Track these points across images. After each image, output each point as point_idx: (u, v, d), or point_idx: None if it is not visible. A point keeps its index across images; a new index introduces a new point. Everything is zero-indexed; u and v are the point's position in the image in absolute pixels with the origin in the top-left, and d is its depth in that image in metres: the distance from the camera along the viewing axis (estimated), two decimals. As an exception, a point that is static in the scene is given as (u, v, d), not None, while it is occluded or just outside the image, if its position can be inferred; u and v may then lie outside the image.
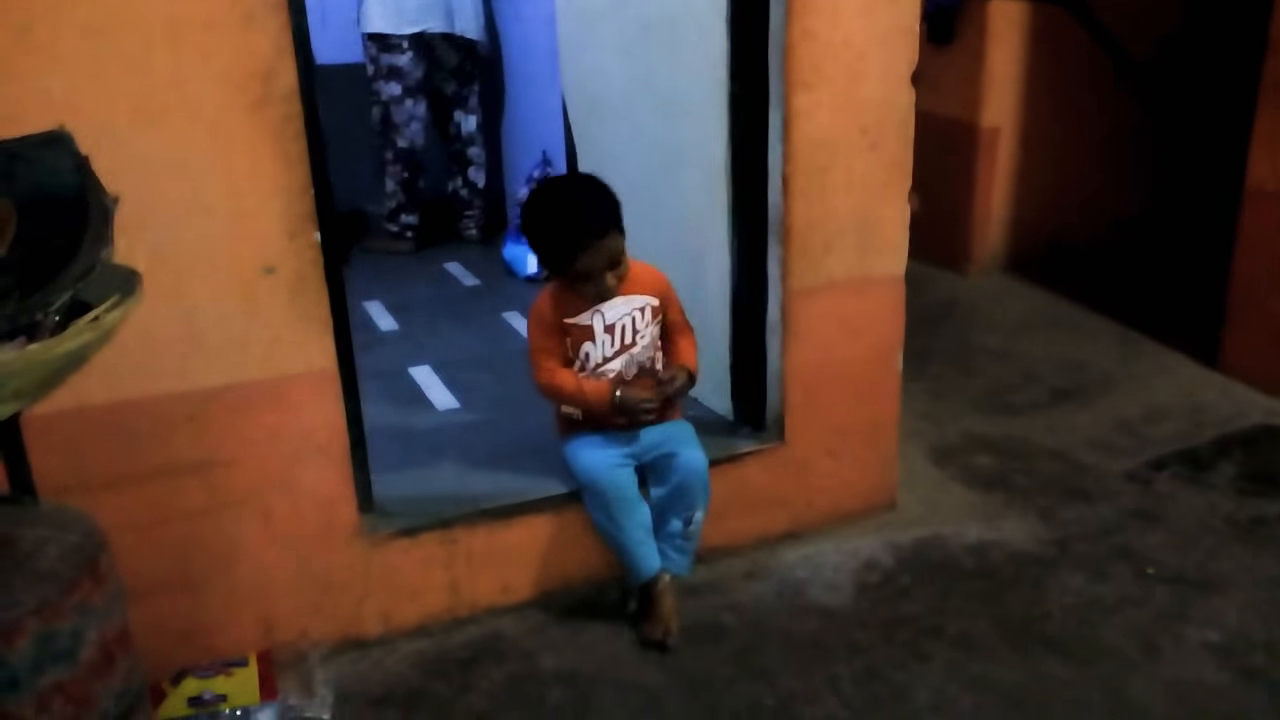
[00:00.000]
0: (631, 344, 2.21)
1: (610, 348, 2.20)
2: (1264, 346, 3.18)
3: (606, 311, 2.19)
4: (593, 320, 2.19)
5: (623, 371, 2.22)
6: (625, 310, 2.21)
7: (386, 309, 3.61)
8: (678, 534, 2.24)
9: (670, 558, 2.25)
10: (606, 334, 2.20)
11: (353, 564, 2.13)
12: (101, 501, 1.76)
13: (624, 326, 2.21)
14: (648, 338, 2.23)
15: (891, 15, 2.23)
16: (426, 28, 3.95)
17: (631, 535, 2.20)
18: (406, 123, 4.11)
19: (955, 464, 2.85)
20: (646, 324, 2.23)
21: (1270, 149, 3.07)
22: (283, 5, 1.78)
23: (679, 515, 2.23)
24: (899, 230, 2.40)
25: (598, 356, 2.21)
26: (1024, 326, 3.77)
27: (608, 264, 2.12)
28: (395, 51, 4.00)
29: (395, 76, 4.04)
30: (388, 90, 4.06)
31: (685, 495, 2.22)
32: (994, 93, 4.07)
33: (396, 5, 3.93)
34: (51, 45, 1.67)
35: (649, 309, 2.23)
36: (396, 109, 4.09)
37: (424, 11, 3.93)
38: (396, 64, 4.02)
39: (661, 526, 2.25)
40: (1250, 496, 2.67)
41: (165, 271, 1.80)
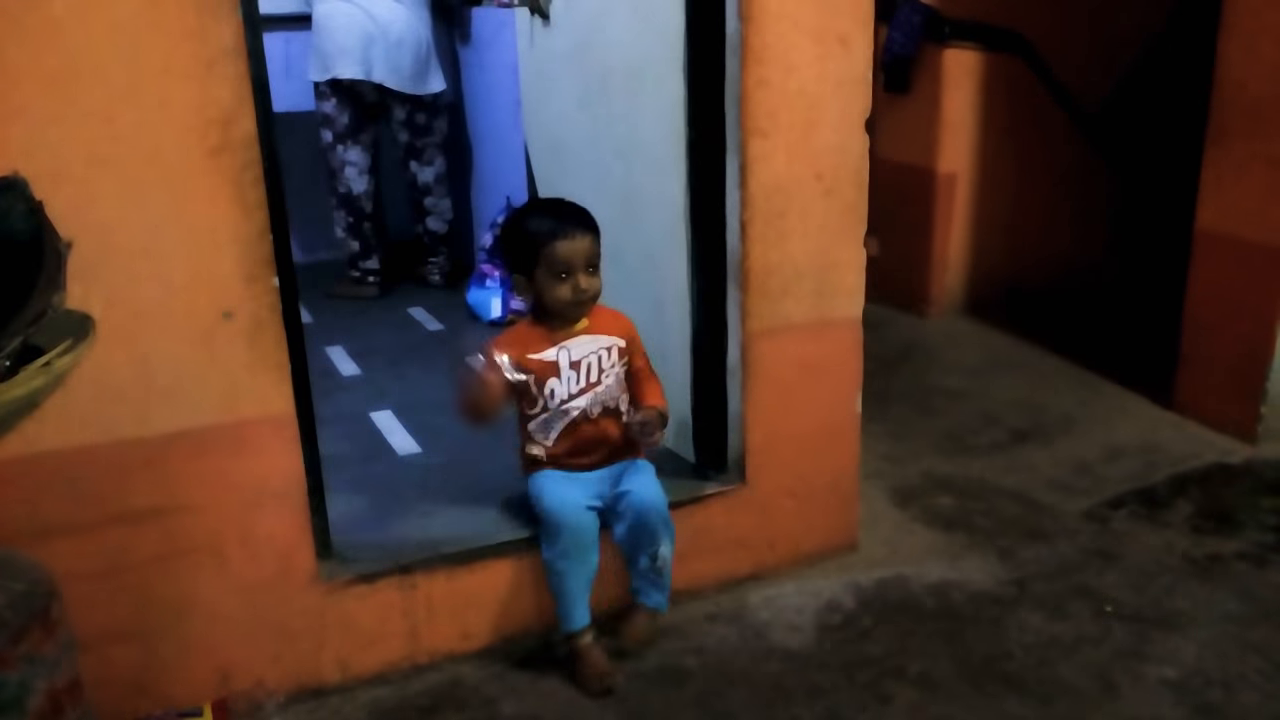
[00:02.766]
0: (597, 383, 2.22)
1: (575, 385, 2.21)
2: (1216, 386, 3.24)
3: (572, 348, 2.20)
4: (558, 356, 2.20)
5: (587, 409, 2.22)
6: (592, 348, 2.22)
7: (348, 354, 3.60)
8: (647, 570, 2.25)
9: (646, 593, 2.27)
10: (572, 370, 2.20)
11: (310, 611, 2.11)
12: (54, 549, 1.75)
13: (589, 364, 2.21)
14: (613, 378, 2.24)
15: (845, 65, 2.28)
16: (338, 74, 3.99)
17: (575, 582, 2.19)
18: (341, 168, 4.15)
19: (916, 505, 2.87)
20: (613, 364, 2.24)
21: (1217, 192, 3.15)
22: (242, 53, 1.79)
23: (644, 551, 2.23)
24: (855, 274, 2.43)
25: (563, 393, 2.21)
26: (983, 368, 3.81)
27: (585, 263, 2.14)
28: (324, 99, 4.07)
29: (326, 123, 4.11)
30: (324, 137, 4.14)
31: (645, 530, 2.21)
32: (950, 139, 4.15)
33: (319, 53, 4.00)
34: (10, 93, 1.67)
35: (615, 349, 2.24)
36: (332, 155, 4.14)
37: (338, 58, 3.98)
38: (325, 111, 4.09)
39: (632, 564, 2.26)
40: (1206, 534, 2.70)
41: (121, 316, 1.80)
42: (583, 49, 2.69)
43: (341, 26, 3.93)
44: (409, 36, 4.00)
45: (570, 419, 2.23)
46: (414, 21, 4.02)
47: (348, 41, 3.93)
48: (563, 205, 2.22)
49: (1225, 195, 3.12)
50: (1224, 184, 3.12)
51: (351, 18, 3.92)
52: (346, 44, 3.94)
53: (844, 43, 2.26)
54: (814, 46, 2.24)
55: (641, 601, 2.27)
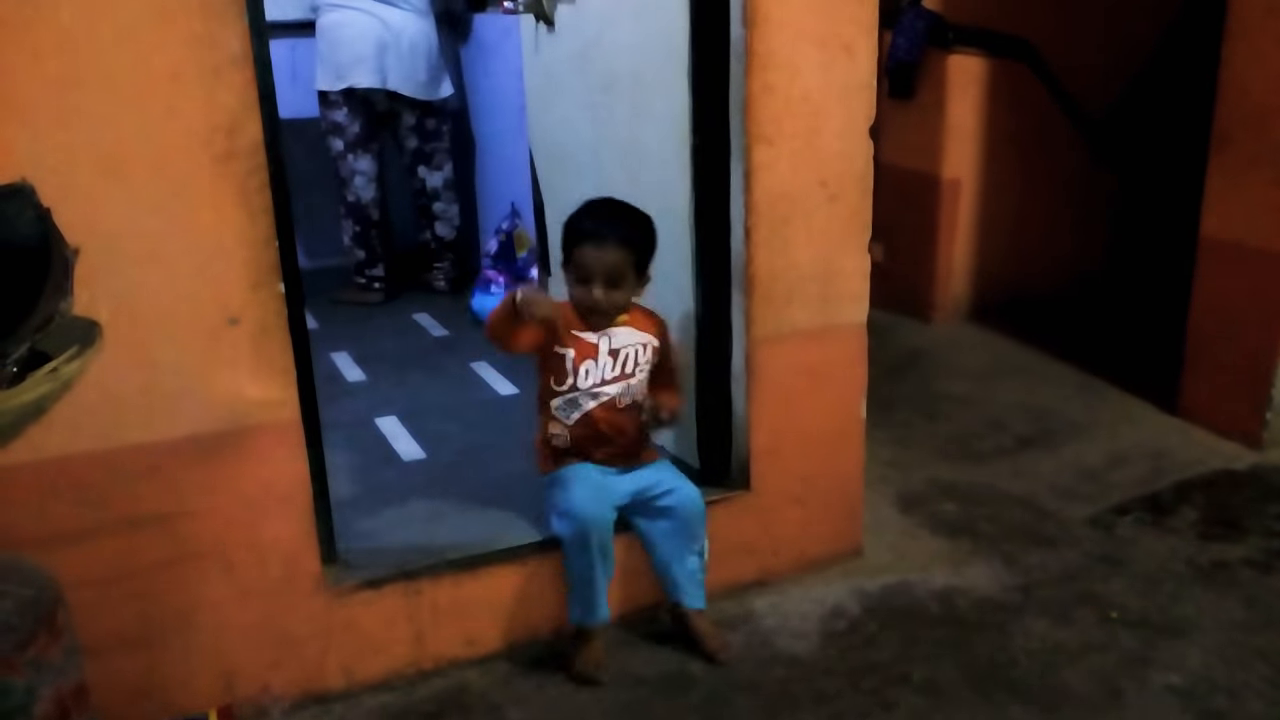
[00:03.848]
0: (631, 374, 2.25)
1: (611, 371, 2.23)
2: (1222, 392, 3.24)
3: (614, 336, 2.23)
4: (599, 340, 2.22)
5: (616, 398, 2.24)
6: (632, 340, 2.25)
7: (354, 360, 3.60)
8: (696, 569, 2.28)
9: (691, 593, 2.29)
10: (610, 357, 2.23)
11: (315, 617, 2.11)
12: (60, 555, 1.75)
13: (628, 355, 2.25)
14: (644, 374, 2.27)
15: (849, 72, 2.28)
16: (355, 83, 3.99)
17: (599, 579, 2.20)
18: (351, 177, 4.15)
19: (922, 511, 2.86)
20: (646, 360, 2.27)
21: (1221, 199, 3.14)
22: (248, 61, 1.80)
23: (692, 551, 2.27)
24: (860, 280, 2.43)
25: (596, 377, 2.22)
26: (988, 374, 3.81)
27: (604, 276, 2.14)
28: (334, 107, 4.06)
29: (336, 132, 4.10)
30: (333, 145, 4.13)
31: (690, 528, 2.26)
32: (954, 145, 4.15)
33: (332, 62, 3.99)
34: (17, 97, 1.68)
35: (650, 348, 2.28)
36: (341, 164, 4.15)
37: (353, 67, 3.98)
38: (335, 119, 4.08)
39: (677, 566, 2.28)
40: (1211, 540, 2.70)
41: (128, 323, 1.80)
42: (587, 55, 2.69)
43: (356, 36, 3.93)
44: (420, 43, 4.02)
45: (598, 403, 2.24)
46: (424, 27, 4.03)
47: (363, 50, 3.94)
48: (609, 212, 2.22)
49: (1229, 202, 3.12)
50: (1228, 191, 3.12)
51: (365, 27, 3.93)
52: (362, 53, 3.94)
53: (848, 49, 2.27)
54: (818, 53, 2.24)
55: (691, 605, 2.30)
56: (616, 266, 2.16)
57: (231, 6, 1.77)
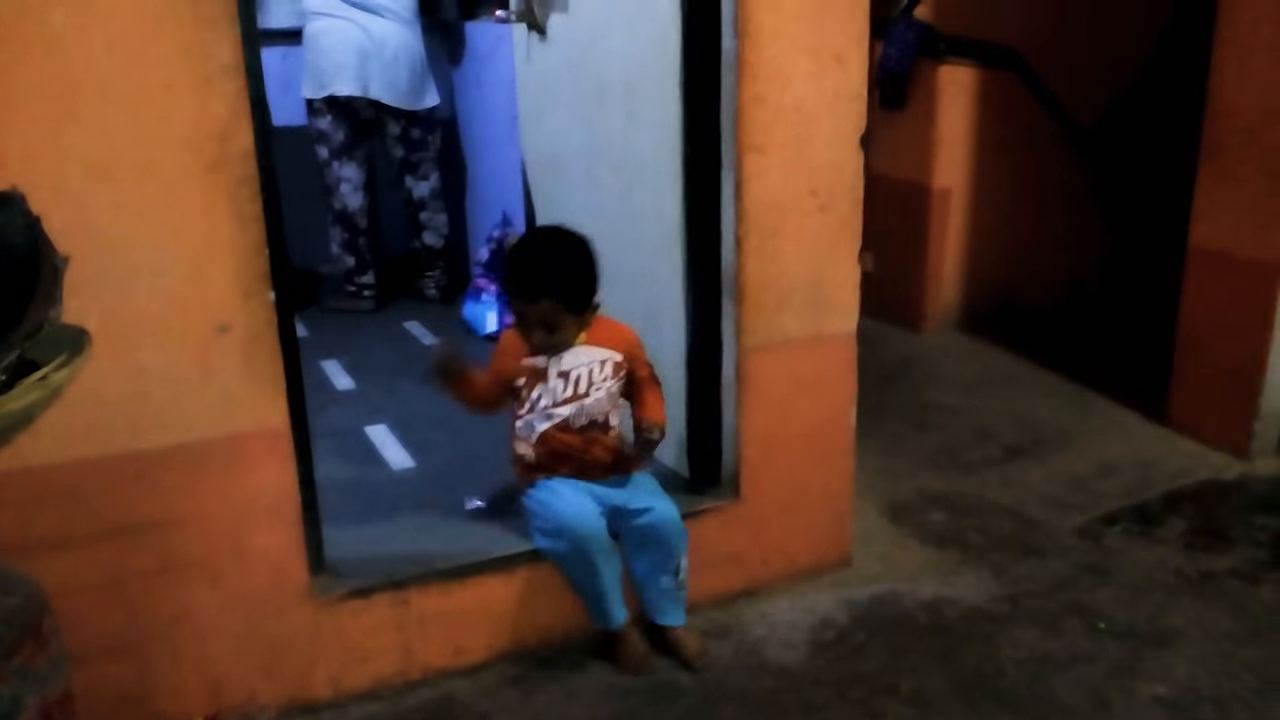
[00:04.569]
0: (584, 394, 2.24)
1: (561, 393, 2.23)
2: (1209, 403, 3.25)
3: (564, 358, 2.23)
4: (548, 364, 2.22)
5: (570, 419, 2.24)
6: (584, 360, 2.24)
7: (344, 368, 3.60)
8: (670, 588, 2.28)
9: (668, 611, 2.29)
10: (560, 379, 2.23)
11: (303, 626, 2.11)
12: (48, 563, 1.73)
13: (579, 376, 2.23)
14: (603, 391, 2.25)
15: (840, 82, 2.29)
16: (336, 91, 3.99)
17: (609, 584, 2.22)
18: (336, 185, 4.15)
19: (910, 520, 2.87)
20: (605, 378, 2.25)
21: (1210, 209, 3.16)
22: (240, 69, 1.80)
23: (666, 571, 2.26)
24: (850, 289, 2.44)
25: (547, 400, 2.24)
26: (978, 383, 3.82)
27: (538, 324, 2.16)
28: (318, 115, 4.07)
29: (321, 140, 4.11)
30: (319, 153, 4.13)
31: (667, 548, 2.25)
32: (945, 155, 4.17)
33: (315, 69, 4.00)
34: (9, 104, 1.67)
35: (610, 363, 2.25)
36: (326, 171, 4.15)
37: (335, 75, 3.98)
38: (320, 127, 4.08)
39: (652, 584, 2.28)
40: (1199, 551, 2.71)
41: (117, 330, 1.80)
42: (580, 64, 2.70)
43: (337, 44, 3.93)
44: (404, 52, 4.02)
45: (551, 424, 2.25)
46: (408, 36, 4.03)
47: (344, 58, 3.94)
48: (530, 262, 2.19)
49: (1218, 211, 3.14)
50: (1216, 200, 3.13)
51: (347, 35, 3.93)
52: (343, 61, 3.94)
53: (839, 60, 2.28)
54: (810, 63, 2.25)
55: (668, 623, 2.30)
56: (548, 315, 2.16)
57: (224, 16, 1.77)
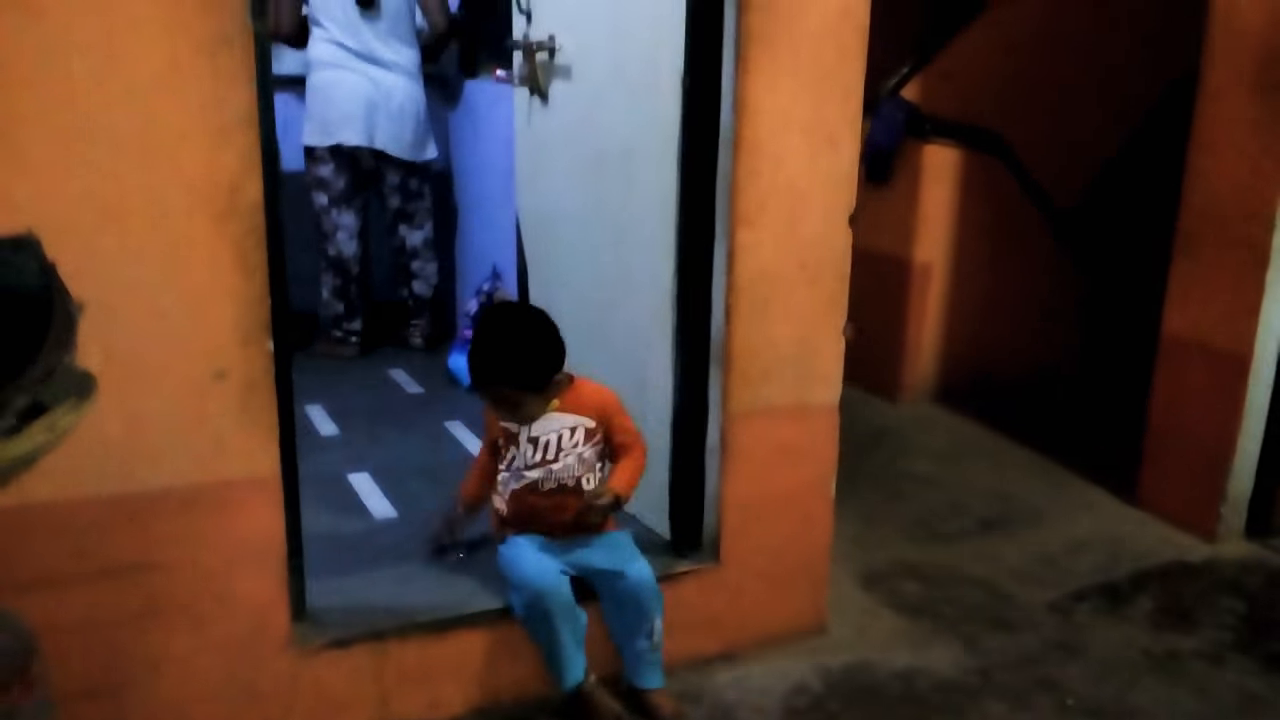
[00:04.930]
0: (553, 460, 2.29)
1: (531, 457, 2.29)
2: (1179, 485, 3.32)
3: (535, 424, 2.28)
4: (519, 430, 2.29)
5: (538, 482, 2.29)
6: (554, 427, 2.29)
7: (328, 414, 3.61)
8: (645, 650, 2.29)
9: (644, 674, 2.31)
10: (529, 444, 2.29)
11: (281, 674, 2.11)
12: (32, 601, 1.74)
13: (548, 442, 2.29)
14: (573, 457, 2.30)
15: (833, 162, 2.37)
16: (343, 141, 4.06)
17: (566, 642, 2.23)
18: (334, 231, 4.20)
19: (884, 590, 2.90)
20: (575, 444, 2.30)
21: (1184, 300, 3.25)
22: (254, 123, 1.85)
23: (641, 633, 2.28)
24: (835, 361, 2.50)
25: (520, 462, 2.31)
26: (953, 456, 3.88)
27: (502, 402, 2.24)
28: (320, 163, 4.12)
29: (321, 187, 4.15)
30: (317, 200, 4.17)
31: (641, 610, 2.28)
32: (927, 231, 4.26)
33: (319, 118, 4.06)
34: (25, 149, 1.71)
35: (581, 430, 2.30)
36: (325, 219, 4.19)
37: (341, 125, 4.04)
38: (320, 175, 4.13)
39: (628, 646, 2.30)
40: (1166, 631, 2.76)
41: (116, 372, 1.82)
42: (580, 130, 2.76)
43: (346, 95, 4.00)
44: (409, 105, 4.09)
45: (522, 484, 2.30)
46: (413, 90, 4.11)
47: (352, 109, 4.01)
48: (486, 348, 2.23)
49: (1192, 303, 3.23)
50: (1191, 292, 3.23)
51: (355, 87, 4.00)
52: (351, 111, 4.01)
53: (832, 141, 2.35)
54: (804, 143, 2.33)
55: (644, 685, 2.31)
56: (509, 399, 2.23)
57: (242, 70, 1.82)
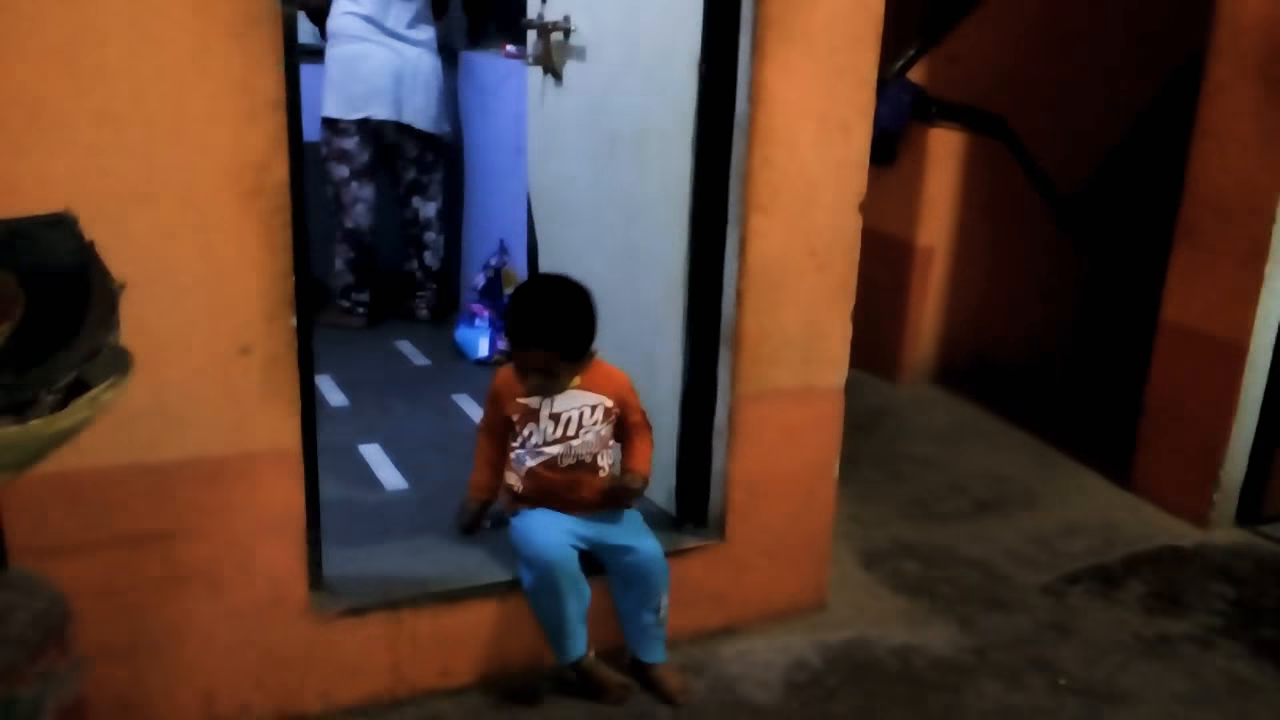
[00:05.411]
0: (573, 436, 2.33)
1: (551, 434, 2.33)
2: (1172, 471, 3.38)
3: (556, 400, 2.31)
4: (540, 405, 2.32)
5: (557, 458, 2.33)
6: (575, 404, 2.33)
7: (337, 384, 3.65)
8: (651, 625, 2.35)
9: (649, 648, 2.36)
10: (550, 420, 2.32)
11: (298, 640, 2.17)
12: (58, 566, 1.78)
13: (569, 419, 2.33)
14: (592, 435, 2.34)
15: (844, 150, 2.41)
16: (371, 114, 4.08)
17: (570, 616, 2.28)
18: (353, 204, 4.22)
19: (883, 569, 2.97)
20: (595, 422, 2.34)
21: (1183, 287, 3.30)
22: (281, 105, 1.88)
23: (648, 608, 2.34)
24: (841, 345, 2.55)
25: (538, 439, 2.34)
26: (951, 437, 3.93)
27: (534, 367, 2.26)
28: (344, 135, 4.13)
29: (344, 159, 4.17)
30: (337, 172, 4.19)
31: (649, 587, 2.33)
32: (930, 214, 4.30)
33: (345, 91, 4.07)
34: (60, 127, 1.75)
35: (600, 408, 2.34)
36: (344, 191, 4.21)
37: (370, 99, 4.07)
38: (344, 147, 4.15)
39: (634, 621, 2.35)
40: (1157, 614, 2.82)
41: (144, 346, 1.82)
42: (594, 112, 2.79)
43: (375, 68, 4.03)
44: (432, 79, 4.14)
45: (539, 462, 2.34)
46: (435, 63, 4.16)
47: (381, 83, 4.04)
48: (527, 313, 2.29)
49: (1191, 290, 3.27)
50: (1190, 279, 3.27)
51: (385, 60, 4.03)
52: (380, 85, 4.04)
53: (845, 129, 2.39)
54: (817, 131, 2.36)
55: (649, 660, 2.37)
56: (546, 363, 2.26)
57: (270, 51, 1.85)
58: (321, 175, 4.19)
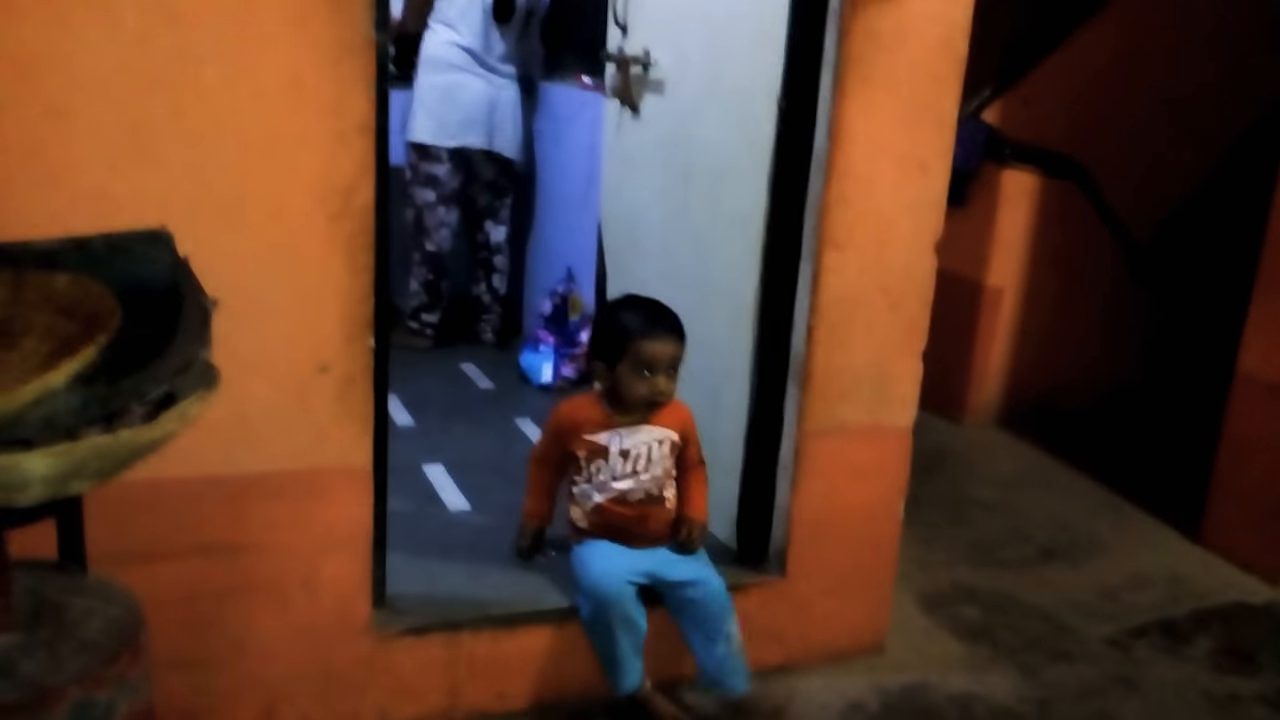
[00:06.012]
0: (643, 471, 2.34)
1: (621, 469, 2.33)
2: (1244, 526, 3.30)
3: (626, 436, 2.32)
4: (610, 441, 2.32)
5: (627, 493, 2.33)
6: (645, 439, 2.33)
7: (402, 404, 3.70)
8: (725, 656, 2.32)
9: (728, 680, 2.33)
10: (620, 457, 2.33)
11: (359, 658, 2.19)
12: (131, 573, 1.82)
13: (639, 455, 2.33)
14: (660, 469, 2.35)
15: (922, 189, 2.40)
16: (467, 143, 4.16)
17: (624, 649, 2.27)
18: (437, 228, 4.28)
19: (943, 613, 2.92)
20: (663, 456, 2.35)
21: (1261, 338, 3.23)
22: (370, 129, 1.92)
23: (717, 640, 2.31)
24: (911, 386, 2.53)
25: (606, 475, 2.34)
26: (1015, 482, 3.88)
27: (669, 365, 2.27)
28: (435, 162, 4.20)
29: (432, 185, 4.23)
30: (423, 196, 4.25)
31: (716, 620, 2.31)
32: (1001, 255, 4.26)
33: (440, 119, 4.14)
34: (156, 147, 1.80)
35: (668, 443, 2.35)
36: (429, 214, 4.27)
37: (466, 128, 4.15)
38: (434, 173, 4.22)
39: (708, 656, 2.32)
40: (1225, 673, 2.75)
41: (226, 362, 1.86)
42: (669, 144, 2.81)
43: (473, 99, 4.14)
44: (518, 109, 4.26)
45: (608, 497, 2.34)
46: (516, 93, 4.27)
47: (477, 114, 4.15)
48: (658, 306, 2.35)
49: (1270, 342, 3.20)
50: (1269, 331, 3.20)
51: (480, 91, 4.14)
52: (476, 116, 4.15)
53: (924, 168, 2.39)
54: (895, 170, 2.36)
55: (733, 689, 2.33)
56: (677, 356, 2.29)
57: (362, 79, 1.90)
58: (405, 198, 4.26)
